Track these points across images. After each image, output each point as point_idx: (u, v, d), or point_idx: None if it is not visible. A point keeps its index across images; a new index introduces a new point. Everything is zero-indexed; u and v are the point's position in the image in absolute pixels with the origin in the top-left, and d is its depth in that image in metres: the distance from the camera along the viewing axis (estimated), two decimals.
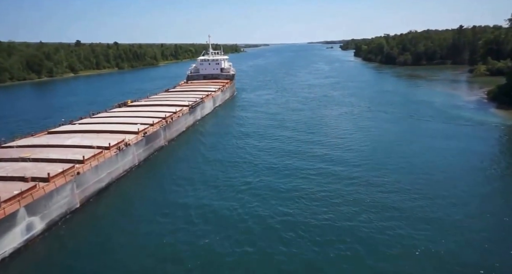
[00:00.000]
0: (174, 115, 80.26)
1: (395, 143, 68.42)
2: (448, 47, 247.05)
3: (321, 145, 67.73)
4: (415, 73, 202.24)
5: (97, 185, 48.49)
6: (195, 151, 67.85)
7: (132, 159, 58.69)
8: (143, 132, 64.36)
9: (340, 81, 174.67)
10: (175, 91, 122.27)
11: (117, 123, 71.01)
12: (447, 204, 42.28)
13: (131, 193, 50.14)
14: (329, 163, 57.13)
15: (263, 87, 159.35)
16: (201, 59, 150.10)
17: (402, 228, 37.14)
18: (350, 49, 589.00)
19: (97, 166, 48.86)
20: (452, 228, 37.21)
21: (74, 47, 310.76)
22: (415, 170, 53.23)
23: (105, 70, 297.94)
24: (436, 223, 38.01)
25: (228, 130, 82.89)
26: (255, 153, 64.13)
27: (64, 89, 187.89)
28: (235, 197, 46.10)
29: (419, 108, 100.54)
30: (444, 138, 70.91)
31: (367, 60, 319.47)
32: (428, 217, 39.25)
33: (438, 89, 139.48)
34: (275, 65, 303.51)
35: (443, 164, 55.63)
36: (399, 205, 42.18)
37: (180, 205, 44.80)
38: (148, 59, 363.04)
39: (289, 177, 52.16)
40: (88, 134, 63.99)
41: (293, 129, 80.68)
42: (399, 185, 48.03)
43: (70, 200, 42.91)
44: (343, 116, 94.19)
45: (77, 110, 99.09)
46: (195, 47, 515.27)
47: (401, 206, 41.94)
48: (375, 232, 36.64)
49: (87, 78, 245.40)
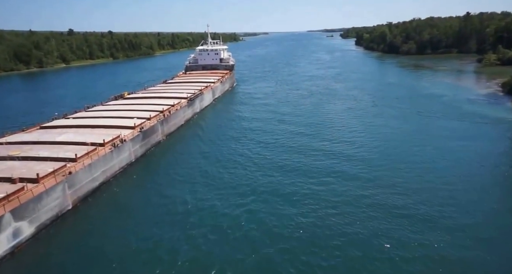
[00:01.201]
0: (172, 108, 77.38)
1: (406, 144, 61.25)
2: (454, 35, 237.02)
3: (326, 147, 60.66)
4: (420, 63, 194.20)
5: (90, 184, 45.91)
6: (194, 146, 65.17)
7: (128, 155, 56.03)
8: (139, 127, 61.57)
9: (342, 72, 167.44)
10: (173, 82, 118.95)
11: (112, 118, 68.18)
12: (478, 222, 36.47)
13: (127, 192, 47.61)
14: (334, 166, 52.17)
15: (263, 79, 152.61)
16: (200, 49, 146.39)
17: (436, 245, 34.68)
18: (350, 37, 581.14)
19: (91, 164, 46.18)
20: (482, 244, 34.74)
21: (66, 36, 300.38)
22: (433, 179, 46.32)
23: (99, 61, 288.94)
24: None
25: (228, 124, 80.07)
26: (256, 149, 61.43)
27: (55, 81, 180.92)
28: (236, 197, 43.52)
29: (428, 103, 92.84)
30: (460, 138, 63.24)
31: (369, 49, 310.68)
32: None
33: (446, 81, 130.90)
34: (275, 55, 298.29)
35: (465, 171, 48.61)
36: (423, 216, 39.63)
37: (178, 206, 42.29)
38: (144, 48, 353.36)
39: (293, 176, 49.55)
40: (82, 129, 61.28)
41: (295, 126, 75.08)
42: (419, 196, 41.73)
43: (62, 202, 40.36)
44: (347, 113, 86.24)
45: (67, 105, 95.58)
46: (193, 36, 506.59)
47: (428, 217, 39.43)
48: (397, 246, 34.22)
49: (79, 69, 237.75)
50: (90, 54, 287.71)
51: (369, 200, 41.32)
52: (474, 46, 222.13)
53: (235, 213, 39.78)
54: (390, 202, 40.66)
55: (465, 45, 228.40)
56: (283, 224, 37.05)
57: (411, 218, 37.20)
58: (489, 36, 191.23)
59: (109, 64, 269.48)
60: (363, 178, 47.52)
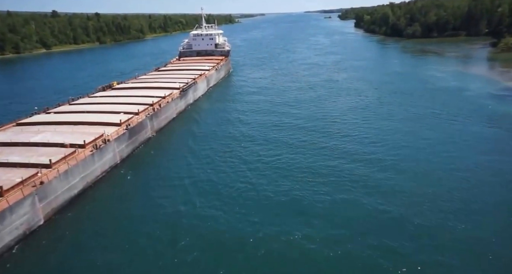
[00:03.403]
0: (163, 100, 71.64)
1: (430, 161, 47.53)
2: (463, 16, 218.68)
3: (328, 155, 50.78)
4: (427, 48, 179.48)
5: (67, 193, 40.75)
6: (186, 143, 59.78)
7: (113, 157, 50.73)
8: (126, 124, 56.06)
9: (342, 59, 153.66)
10: (166, 70, 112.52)
11: (97, 113, 62.53)
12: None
13: (109, 200, 42.56)
14: (337, 182, 42.61)
15: (259, 68, 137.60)
16: (194, 34, 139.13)
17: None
18: (349, 18, 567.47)
19: (68, 170, 40.90)
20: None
21: (49, 18, 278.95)
22: (479, 219, 34.79)
23: (84, 45, 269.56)
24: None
25: (223, 116, 74.51)
26: (253, 145, 56.22)
27: (34, 69, 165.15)
28: (234, 206, 38.62)
29: (445, 101, 77.69)
30: (501, 153, 49.36)
31: (370, 32, 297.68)
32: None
33: (461, 70, 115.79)
34: (271, 39, 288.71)
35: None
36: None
37: (169, 216, 37.49)
38: (133, 32, 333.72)
39: (295, 185, 44.53)
40: (63, 126, 55.76)
41: (292, 129, 63.12)
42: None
43: (30, 217, 35.26)
44: (351, 113, 72.21)
45: (49, 97, 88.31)
46: (186, 18, 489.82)
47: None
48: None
49: (62, 55, 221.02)
50: (74, 38, 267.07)
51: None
52: (484, 28, 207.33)
53: (235, 231, 34.86)
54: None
55: (474, 27, 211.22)
56: (285, 245, 32.26)
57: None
58: (504, 16, 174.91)
59: (96, 50, 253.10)
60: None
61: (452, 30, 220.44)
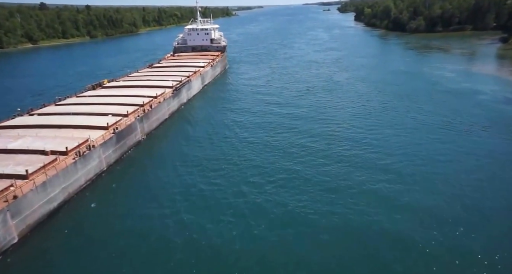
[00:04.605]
0: (155, 100, 68.21)
1: (446, 191, 39.60)
2: (469, 9, 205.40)
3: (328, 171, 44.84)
4: (432, 43, 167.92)
5: (45, 207, 37.52)
6: (178, 147, 56.54)
7: (98, 163, 47.44)
8: (113, 128, 52.66)
9: (343, 56, 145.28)
10: (159, 66, 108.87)
11: (84, 115, 59.19)
12: None
13: (93, 213, 39.35)
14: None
15: (255, 66, 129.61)
16: (189, 28, 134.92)
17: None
18: (349, 11, 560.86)
19: (46, 182, 37.63)
20: None
21: (37, 11, 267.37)
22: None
23: (73, 40, 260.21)
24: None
25: (218, 117, 71.08)
26: (249, 151, 53.02)
27: (18, 65, 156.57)
28: (230, 218, 35.56)
29: (457, 106, 69.53)
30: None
31: (371, 26, 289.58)
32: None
33: (473, 70, 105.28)
34: (269, 33, 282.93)
35: None
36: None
37: (158, 231, 34.50)
38: (126, 26, 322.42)
39: (292, 197, 41.43)
40: (46, 130, 52.35)
41: (290, 133, 58.77)
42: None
43: (2, 236, 32.08)
44: (353, 121, 63.82)
45: (25, 98, 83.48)
46: (182, 11, 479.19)
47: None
48: None
49: (50, 50, 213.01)
50: (63, 32, 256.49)
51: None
52: (492, 22, 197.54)
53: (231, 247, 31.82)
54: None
55: (481, 21, 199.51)
56: (281, 257, 29.22)
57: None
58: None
59: (86, 44, 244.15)
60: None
61: (457, 24, 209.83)
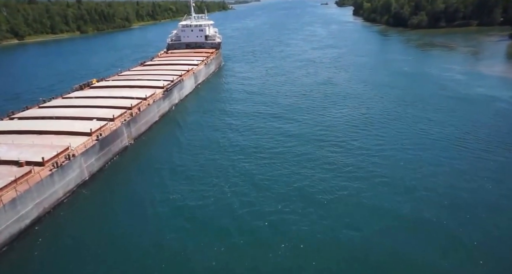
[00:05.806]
0: (144, 102, 64.56)
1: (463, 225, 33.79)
2: (475, 3, 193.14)
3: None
4: (436, 41, 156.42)
5: (15, 226, 34.07)
6: (168, 153, 53.03)
7: (79, 173, 43.96)
8: (97, 134, 49.09)
9: (342, 54, 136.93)
10: (152, 64, 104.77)
11: (67, 119, 55.62)
12: None
13: (69, 230, 35.87)
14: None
15: (250, 66, 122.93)
16: (183, 24, 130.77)
17: None
18: (347, 5, 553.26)
19: (16, 198, 34.15)
20: None
21: (24, 4, 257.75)
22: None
23: (63, 35, 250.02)
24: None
25: (211, 119, 67.44)
26: (243, 158, 49.56)
27: (3, 62, 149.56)
28: (226, 236, 32.23)
29: (471, 117, 60.78)
30: None
31: (370, 21, 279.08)
32: None
33: (482, 70, 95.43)
34: (265, 29, 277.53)
35: None
36: None
37: (143, 252, 31.16)
38: (118, 20, 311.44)
39: (289, 215, 38.12)
40: (24, 136, 48.80)
41: (287, 140, 54.29)
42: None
43: None
44: (352, 134, 56.16)
45: (4, 100, 78.58)
46: (177, 5, 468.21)
47: None
48: None
49: (38, 46, 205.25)
50: (51, 27, 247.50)
51: None
52: (499, 17, 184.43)
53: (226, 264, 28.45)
54: None
55: (487, 15, 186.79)
56: None
57: None
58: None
59: (76, 40, 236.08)
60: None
61: (462, 19, 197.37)
